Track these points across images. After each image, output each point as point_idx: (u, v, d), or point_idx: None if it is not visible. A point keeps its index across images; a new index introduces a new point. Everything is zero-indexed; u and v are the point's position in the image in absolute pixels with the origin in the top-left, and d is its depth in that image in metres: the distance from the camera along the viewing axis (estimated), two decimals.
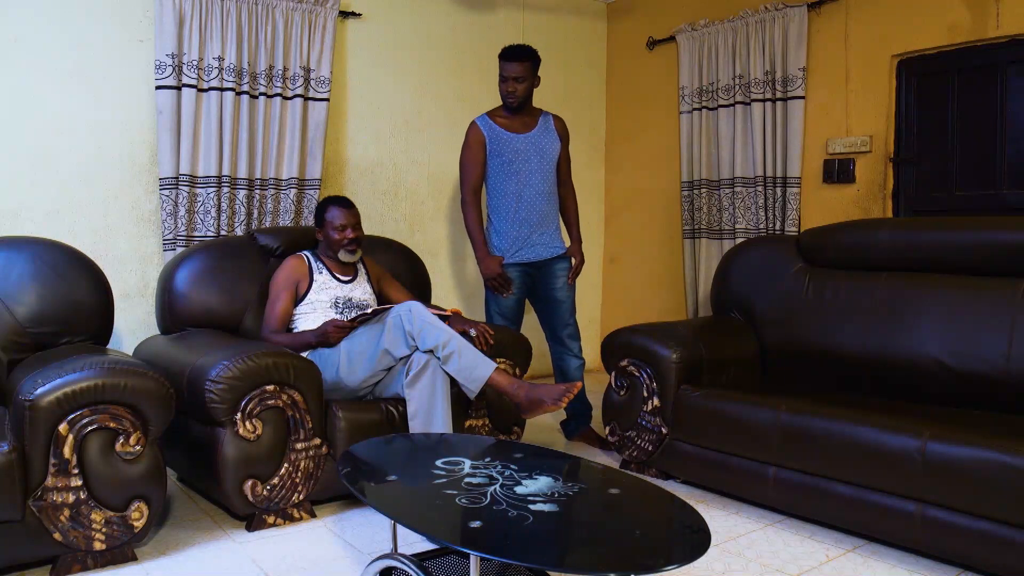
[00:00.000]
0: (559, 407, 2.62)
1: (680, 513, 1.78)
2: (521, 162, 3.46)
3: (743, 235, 4.20)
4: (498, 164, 3.47)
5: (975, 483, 2.14)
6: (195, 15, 3.53)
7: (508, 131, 3.47)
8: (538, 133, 3.50)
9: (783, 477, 2.60)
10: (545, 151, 3.50)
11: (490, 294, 3.56)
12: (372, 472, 2.05)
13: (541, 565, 1.53)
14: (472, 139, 3.50)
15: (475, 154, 3.49)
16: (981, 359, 2.69)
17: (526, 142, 3.47)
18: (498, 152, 3.47)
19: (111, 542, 2.21)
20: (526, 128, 3.50)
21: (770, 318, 3.31)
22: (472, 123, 3.52)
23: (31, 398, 2.09)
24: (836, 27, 3.90)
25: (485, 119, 3.50)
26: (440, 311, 2.95)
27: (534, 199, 3.48)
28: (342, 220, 3.06)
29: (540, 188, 3.49)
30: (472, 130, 3.51)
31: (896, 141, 3.73)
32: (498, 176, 3.49)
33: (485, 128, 3.48)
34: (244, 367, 2.46)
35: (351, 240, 3.06)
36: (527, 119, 3.52)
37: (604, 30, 5.19)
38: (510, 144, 3.45)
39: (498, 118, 3.51)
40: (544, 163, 3.50)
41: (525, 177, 3.47)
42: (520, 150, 3.46)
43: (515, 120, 3.50)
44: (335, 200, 3.13)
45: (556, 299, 3.57)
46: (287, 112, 3.83)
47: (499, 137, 3.46)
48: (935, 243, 2.96)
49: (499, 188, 3.50)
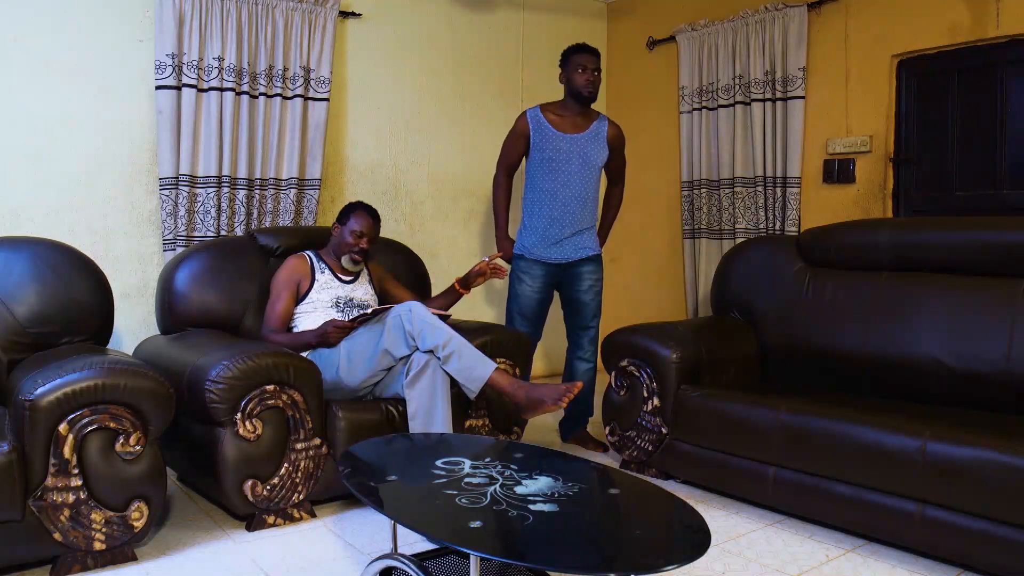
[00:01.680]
0: (559, 407, 2.61)
1: (680, 513, 1.78)
2: (562, 162, 3.41)
3: (743, 235, 4.20)
4: (538, 159, 3.44)
5: (975, 483, 2.15)
6: (195, 15, 3.53)
7: (556, 129, 3.42)
8: (586, 137, 3.43)
9: (783, 477, 2.60)
10: (588, 156, 3.43)
11: (511, 292, 3.54)
12: (372, 472, 2.05)
13: (541, 565, 1.53)
14: (517, 128, 3.50)
15: (515, 143, 3.51)
16: (981, 359, 2.69)
17: (570, 143, 3.41)
18: (540, 147, 3.43)
19: (111, 542, 2.21)
20: (575, 129, 3.44)
21: (770, 318, 3.31)
22: (522, 113, 3.51)
23: (31, 398, 2.09)
24: (836, 27, 3.90)
25: (536, 112, 3.47)
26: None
27: (569, 201, 3.43)
28: (364, 228, 3.07)
29: (578, 191, 3.43)
30: (519, 120, 3.50)
31: (896, 141, 3.73)
32: (536, 171, 3.46)
33: (532, 121, 3.45)
34: (244, 367, 2.46)
35: (361, 250, 3.07)
36: (579, 119, 3.46)
37: (604, 30, 5.19)
38: (553, 142, 3.41)
39: (550, 113, 3.46)
40: (586, 168, 3.43)
41: (564, 178, 3.41)
42: (563, 149, 3.41)
43: (566, 119, 3.45)
44: (366, 207, 3.13)
45: (580, 300, 3.54)
46: (287, 112, 3.83)
47: (544, 132, 3.43)
48: (935, 243, 2.96)
49: (537, 184, 3.45)
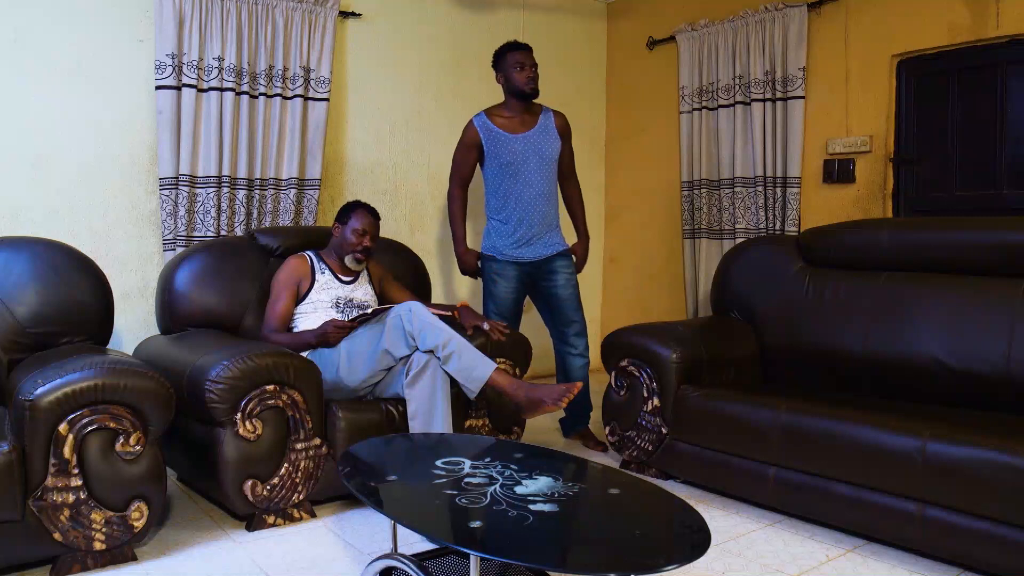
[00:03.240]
0: (559, 407, 2.62)
1: (680, 513, 1.77)
2: (520, 163, 3.42)
3: (743, 235, 4.19)
4: (496, 166, 3.45)
5: (975, 483, 2.14)
6: (195, 15, 3.53)
7: (506, 132, 3.44)
8: (537, 133, 3.46)
9: (783, 477, 2.60)
10: (544, 152, 3.46)
11: (487, 291, 3.54)
12: (372, 472, 2.05)
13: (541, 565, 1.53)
14: (467, 139, 3.49)
15: (466, 154, 3.50)
16: (981, 359, 2.69)
17: (524, 143, 3.43)
18: (495, 154, 3.44)
19: (111, 542, 2.21)
20: (525, 127, 3.46)
21: (770, 318, 3.31)
22: (469, 122, 3.50)
23: (31, 398, 2.09)
24: (836, 27, 3.90)
25: (483, 119, 3.47)
26: (443, 310, 2.95)
27: (534, 200, 3.44)
28: (365, 226, 3.07)
29: (540, 189, 3.45)
30: (468, 130, 3.49)
31: (896, 141, 3.73)
32: (497, 177, 3.46)
33: (482, 129, 3.45)
34: (244, 367, 2.46)
35: (365, 248, 3.07)
36: (527, 117, 3.48)
37: (604, 30, 5.19)
38: (507, 145, 3.42)
39: (497, 117, 3.47)
40: (543, 164, 3.46)
41: (525, 178, 3.43)
42: (518, 151, 3.42)
43: (514, 119, 3.46)
44: (365, 205, 3.14)
45: (558, 296, 3.54)
46: (287, 112, 3.83)
47: (496, 139, 3.44)
48: (935, 243, 2.96)
49: (498, 189, 3.47)
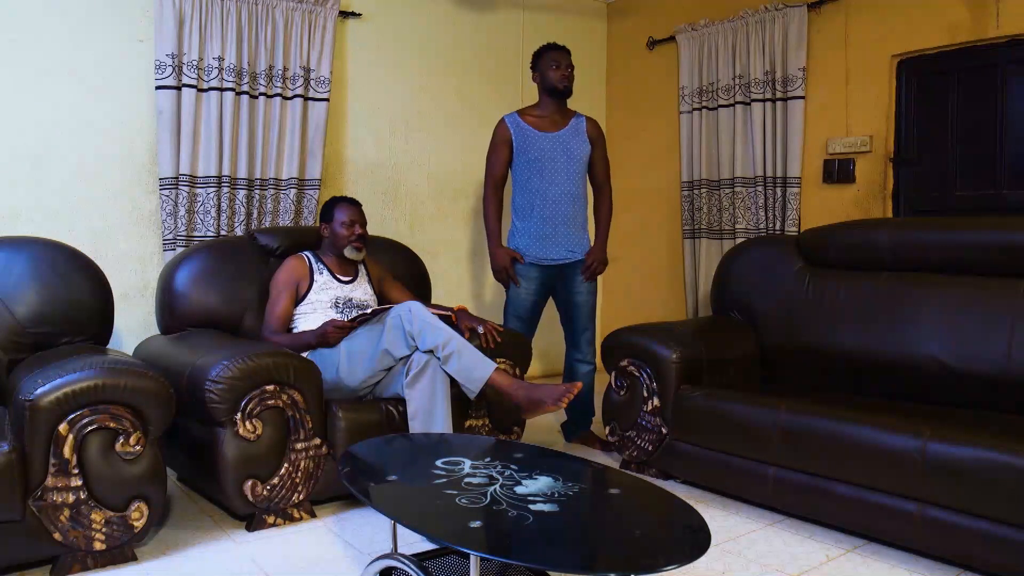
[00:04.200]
0: (559, 407, 2.62)
1: (680, 513, 1.77)
2: (547, 161, 3.43)
3: (743, 235, 4.19)
4: (524, 162, 3.46)
5: (975, 483, 2.14)
6: (195, 15, 3.53)
7: (536, 129, 3.45)
8: (567, 133, 3.47)
9: (783, 477, 2.60)
10: (572, 152, 3.46)
11: (509, 296, 3.55)
12: (372, 472, 2.05)
13: (541, 565, 1.53)
14: (498, 137, 3.50)
15: (499, 152, 3.49)
16: (981, 359, 2.69)
17: (553, 141, 3.44)
18: (524, 150, 3.45)
19: (111, 542, 2.21)
20: (555, 127, 3.48)
21: (770, 318, 3.31)
22: (501, 120, 3.51)
23: (31, 398, 2.09)
24: (836, 27, 3.90)
25: (514, 117, 3.49)
26: (442, 311, 2.95)
27: (559, 199, 3.44)
28: (351, 215, 3.09)
29: (566, 188, 3.45)
30: (499, 127, 3.50)
31: (896, 141, 3.73)
32: (524, 174, 3.47)
33: (512, 126, 3.47)
34: (244, 367, 2.46)
35: (358, 236, 3.08)
36: (558, 118, 3.50)
37: (604, 30, 5.19)
38: (537, 143, 3.43)
39: (528, 116, 3.49)
40: (571, 164, 3.46)
41: (551, 176, 3.44)
42: (547, 149, 3.43)
43: (545, 118, 3.48)
44: (343, 198, 3.18)
45: (575, 303, 3.55)
46: (287, 112, 3.83)
47: (526, 135, 3.45)
48: (935, 243, 2.96)
49: (524, 185, 3.47)
